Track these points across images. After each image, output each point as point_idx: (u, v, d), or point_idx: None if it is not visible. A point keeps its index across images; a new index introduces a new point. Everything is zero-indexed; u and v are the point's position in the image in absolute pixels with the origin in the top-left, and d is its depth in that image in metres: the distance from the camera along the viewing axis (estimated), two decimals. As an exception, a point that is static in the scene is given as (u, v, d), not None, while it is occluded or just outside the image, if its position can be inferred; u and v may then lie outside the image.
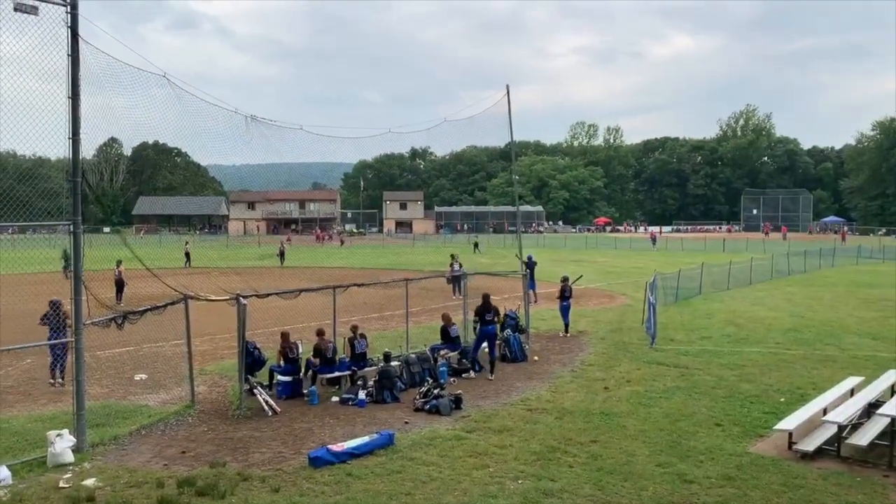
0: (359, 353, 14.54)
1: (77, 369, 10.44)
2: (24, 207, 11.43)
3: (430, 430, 11.34)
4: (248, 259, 52.97)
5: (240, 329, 12.62)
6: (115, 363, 15.59)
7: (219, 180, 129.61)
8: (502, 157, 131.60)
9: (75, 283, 10.47)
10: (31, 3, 9.79)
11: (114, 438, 10.81)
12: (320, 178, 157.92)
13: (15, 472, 9.25)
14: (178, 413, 12.25)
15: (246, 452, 10.33)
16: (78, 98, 10.33)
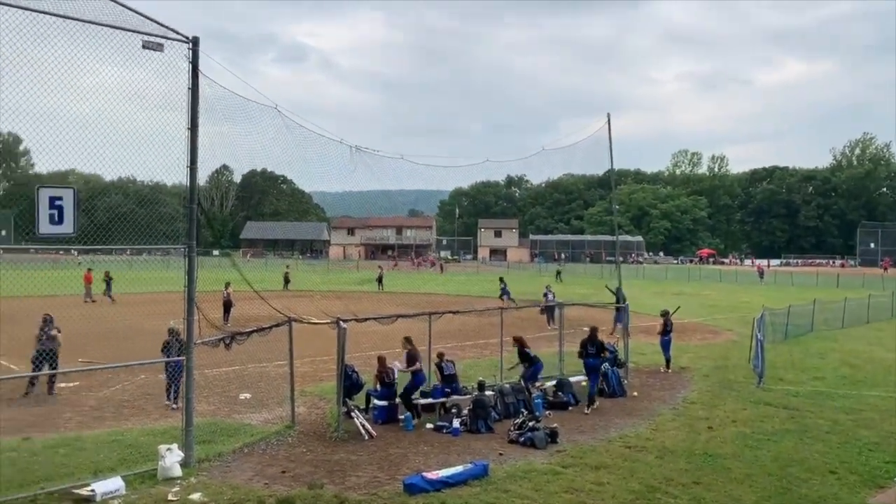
0: (447, 375, 14.66)
1: (187, 387, 10.93)
2: (143, 230, 12.17)
3: (525, 463, 11.17)
4: (348, 283, 54.21)
5: (339, 352, 12.90)
6: (222, 382, 16.21)
7: (321, 207, 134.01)
8: (600, 185, 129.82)
9: (188, 304, 10.98)
10: (158, 41, 10.48)
11: (218, 455, 11.21)
12: (417, 205, 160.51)
13: (128, 483, 9.72)
14: (278, 433, 12.59)
15: (343, 475, 10.48)
16: (196, 129, 10.91)
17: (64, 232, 9.71)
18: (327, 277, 61.66)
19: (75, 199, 9.80)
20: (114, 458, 10.83)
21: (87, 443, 11.66)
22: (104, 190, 67.60)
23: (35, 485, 9.64)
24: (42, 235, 9.65)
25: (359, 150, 14.31)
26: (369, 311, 22.71)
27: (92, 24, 9.64)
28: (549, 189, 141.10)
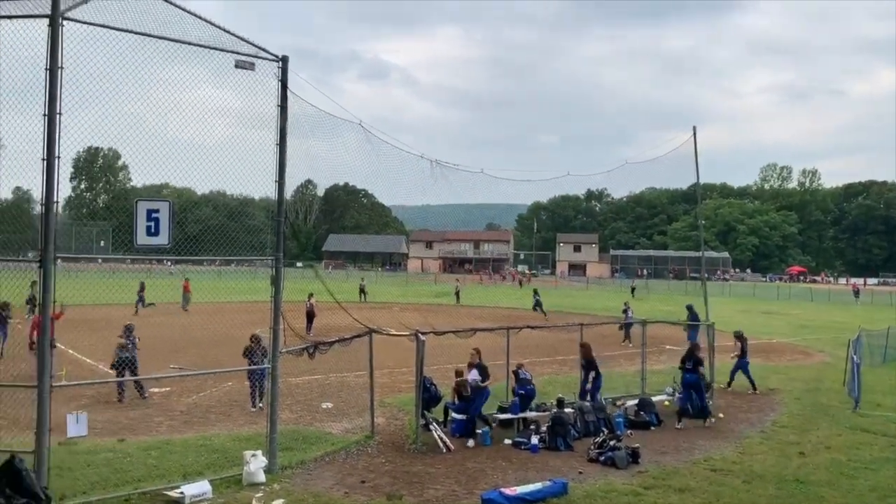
0: (523, 378, 14.73)
1: (272, 395, 11.23)
2: (231, 242, 12.62)
3: (606, 483, 10.95)
4: (426, 296, 54.61)
5: (418, 364, 13.00)
6: (304, 390, 16.59)
7: (401, 220, 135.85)
8: (685, 199, 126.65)
9: (275, 314, 11.31)
10: (250, 60, 10.90)
11: (301, 463, 11.45)
12: (495, 219, 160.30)
13: (214, 487, 10.03)
14: (358, 442, 12.77)
15: (421, 487, 10.53)
16: (285, 144, 11.26)
17: (160, 243, 10.17)
18: (406, 290, 62.29)
19: (170, 212, 10.26)
20: (201, 461, 11.21)
21: (176, 446, 12.12)
22: (196, 203, 70.56)
23: (129, 485, 10.08)
24: (139, 246, 10.14)
25: (439, 165, 14.48)
26: (447, 325, 22.79)
27: (190, 45, 10.11)
28: (630, 203, 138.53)
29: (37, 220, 23.84)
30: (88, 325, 19.25)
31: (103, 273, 46.41)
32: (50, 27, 8.98)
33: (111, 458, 11.18)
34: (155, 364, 17.22)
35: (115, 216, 65.19)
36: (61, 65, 9.04)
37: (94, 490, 9.77)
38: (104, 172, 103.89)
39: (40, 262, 9.16)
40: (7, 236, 29.76)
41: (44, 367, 9.10)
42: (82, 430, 9.75)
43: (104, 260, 47.03)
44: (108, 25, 9.41)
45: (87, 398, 15.43)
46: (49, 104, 9.01)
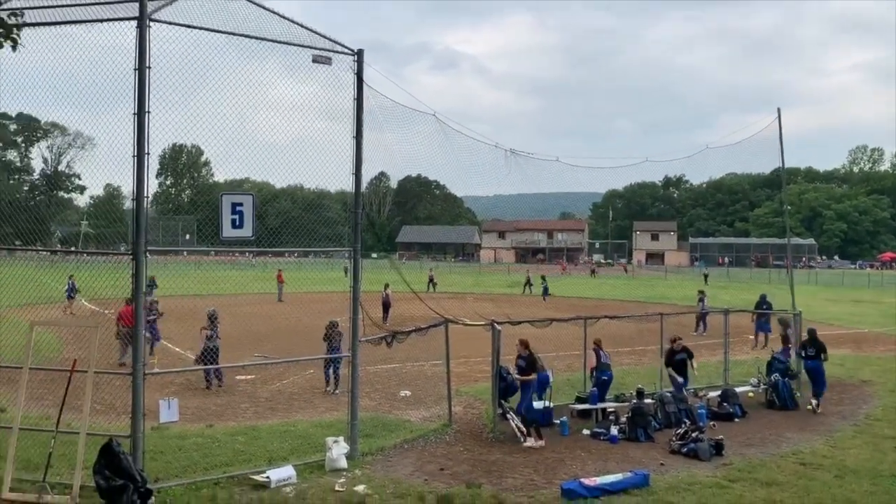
0: (604, 363, 14.60)
1: (353, 383, 11.45)
2: (308, 234, 12.89)
3: (689, 475, 10.70)
4: (499, 286, 54.54)
5: (494, 354, 13.00)
6: (382, 378, 16.85)
7: (473, 211, 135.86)
8: (767, 184, 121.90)
9: (353, 304, 11.51)
10: (326, 55, 11.08)
11: (380, 449, 11.65)
12: (568, 208, 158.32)
13: (298, 472, 10.30)
14: (436, 431, 12.89)
15: (500, 476, 10.55)
16: (361, 137, 11.41)
17: (244, 235, 10.49)
18: (479, 280, 62.34)
19: (253, 205, 10.56)
20: (286, 447, 11.53)
21: (261, 432, 12.50)
22: (275, 196, 72.45)
23: (218, 469, 10.47)
24: (225, 238, 10.47)
25: (513, 153, 14.40)
26: (521, 314, 22.68)
27: (269, 42, 10.35)
28: (710, 189, 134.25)
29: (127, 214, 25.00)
30: (176, 314, 20.05)
31: (189, 265, 48.25)
32: (138, 29, 9.35)
33: (201, 443, 11.63)
34: (240, 353, 17.79)
35: (199, 210, 67.65)
36: (149, 65, 9.41)
37: (185, 473, 10.19)
38: (188, 169, 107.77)
39: (132, 254, 9.58)
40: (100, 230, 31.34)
41: (138, 355, 9.53)
42: (173, 415, 10.17)
43: (189, 252, 48.84)
44: (191, 25, 9.73)
45: (176, 385, 16.11)
46: (138, 103, 9.40)
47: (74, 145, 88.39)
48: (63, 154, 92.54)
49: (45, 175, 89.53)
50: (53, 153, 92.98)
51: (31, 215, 23.12)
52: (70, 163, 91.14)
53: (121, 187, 52.99)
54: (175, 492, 9.49)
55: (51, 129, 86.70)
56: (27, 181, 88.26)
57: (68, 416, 10.10)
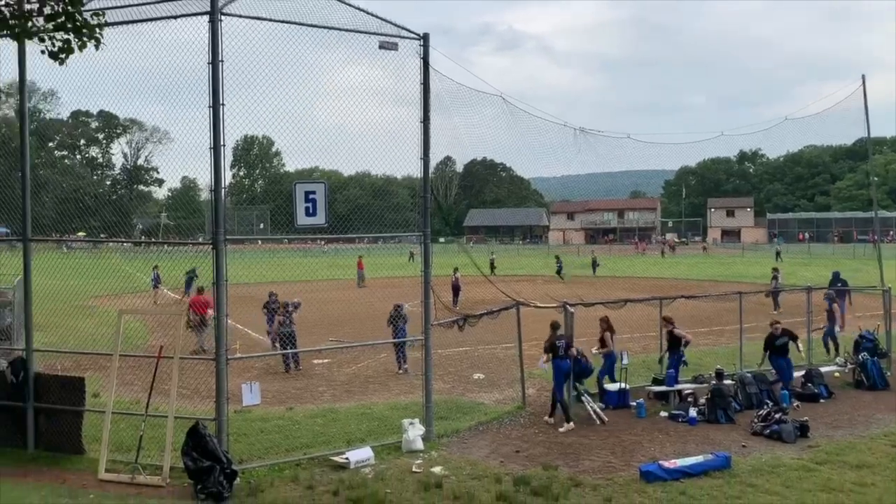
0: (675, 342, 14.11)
1: (426, 366, 11.55)
2: (376, 220, 13.04)
3: (772, 457, 10.40)
4: (569, 268, 53.96)
5: (567, 336, 12.88)
6: (455, 361, 16.95)
7: (540, 192, 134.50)
8: (849, 156, 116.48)
9: (425, 288, 11.58)
10: (393, 41, 11.11)
11: (456, 431, 11.74)
12: (640, 187, 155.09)
13: (376, 453, 10.50)
14: (510, 413, 12.90)
15: (576, 458, 10.49)
16: (428, 121, 11.42)
17: (317, 223, 10.67)
18: (548, 262, 61.83)
19: (326, 193, 10.72)
20: (363, 429, 11.76)
21: (339, 414, 12.77)
22: (343, 184, 73.51)
23: (298, 450, 10.77)
24: (300, 226, 10.68)
25: (583, 133, 14.17)
26: (593, 296, 22.40)
27: (336, 30, 10.45)
28: (788, 163, 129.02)
29: (203, 205, 25.69)
30: (254, 301, 20.62)
31: (263, 253, 49.53)
32: (210, 23, 9.59)
33: (281, 426, 11.97)
34: (316, 337, 18.19)
35: (272, 200, 69.25)
36: (221, 58, 9.64)
37: (268, 454, 10.52)
38: (260, 159, 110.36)
39: (212, 243, 9.88)
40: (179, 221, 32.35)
41: (220, 341, 9.84)
42: (255, 398, 10.49)
43: (263, 241, 50.11)
44: (260, 17, 9.92)
45: (256, 370, 16.60)
46: (213, 96, 9.65)
47: (152, 140, 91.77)
48: (141, 149, 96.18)
49: (125, 170, 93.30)
50: (132, 148, 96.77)
51: (114, 209, 24.10)
52: (148, 157, 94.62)
53: (196, 179, 54.38)
54: (259, 472, 9.81)
55: (129, 125, 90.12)
56: (109, 176, 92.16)
57: (156, 401, 10.56)
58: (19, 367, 10.89)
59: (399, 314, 16.24)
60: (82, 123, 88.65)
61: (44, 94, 25.99)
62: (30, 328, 11.14)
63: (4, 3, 6.53)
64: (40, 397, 10.87)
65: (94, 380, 12.49)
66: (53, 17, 6.05)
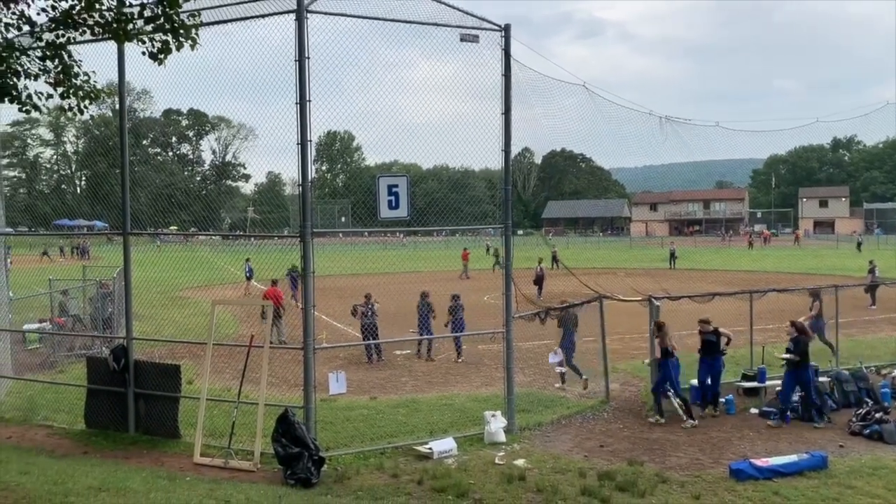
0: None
1: (507, 357, 11.52)
2: (455, 212, 13.04)
3: (873, 458, 9.90)
4: (651, 260, 52.82)
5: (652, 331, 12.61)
6: (535, 355, 16.83)
7: (621, 183, 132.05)
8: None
9: (506, 281, 11.55)
10: (474, 33, 11.08)
11: (538, 425, 11.69)
12: (726, 177, 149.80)
13: (458, 445, 10.55)
14: (593, 407, 12.74)
15: (662, 454, 10.27)
16: (510, 113, 11.35)
17: (400, 216, 10.79)
18: (629, 255, 60.71)
19: (408, 186, 10.83)
20: (445, 420, 11.84)
21: (421, 405, 12.91)
22: (422, 178, 74.14)
23: (383, 439, 10.94)
24: (383, 219, 10.82)
25: (669, 121, 13.80)
26: (678, 289, 21.82)
27: (418, 24, 10.52)
28: (887, 149, 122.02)
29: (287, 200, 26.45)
30: (337, 292, 21.06)
31: (344, 246, 50.58)
32: (297, 21, 9.81)
33: (366, 415, 12.19)
34: (398, 328, 18.41)
35: (352, 194, 70.57)
36: (308, 55, 9.85)
37: (353, 443, 10.74)
38: (341, 154, 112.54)
39: (300, 236, 10.14)
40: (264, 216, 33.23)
41: (308, 330, 10.11)
42: (341, 387, 10.72)
43: (344, 234, 51.12)
44: (345, 14, 10.08)
45: (340, 360, 16.96)
46: (300, 93, 9.87)
47: (238, 136, 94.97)
48: (229, 145, 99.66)
49: (214, 166, 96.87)
50: (221, 145, 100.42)
51: (203, 203, 25.04)
52: (235, 153, 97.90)
53: (280, 174, 55.82)
54: (345, 460, 10.03)
55: (217, 123, 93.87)
56: (199, 172, 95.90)
57: (246, 388, 10.93)
58: (120, 355, 11.47)
59: (457, 304, 16.82)
60: (174, 121, 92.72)
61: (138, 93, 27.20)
62: (130, 317, 11.70)
63: (106, 8, 6.86)
64: (140, 383, 11.43)
65: (187, 367, 13.01)
66: (153, 20, 6.32)
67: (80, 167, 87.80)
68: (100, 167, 35.05)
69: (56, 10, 6.81)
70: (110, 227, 15.90)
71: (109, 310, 18.23)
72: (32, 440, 11.22)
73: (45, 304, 19.45)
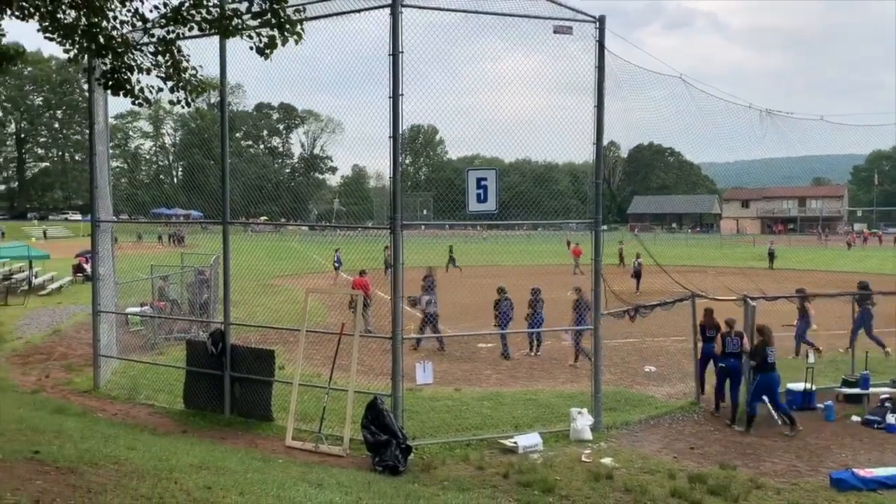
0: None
1: (596, 355, 11.38)
2: (537, 207, 12.91)
3: None
4: (742, 259, 50.98)
5: (749, 331, 12.15)
6: (622, 353, 16.56)
7: (711, 178, 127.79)
8: None
9: (595, 276, 11.38)
10: (568, 25, 10.93)
11: (625, 424, 11.48)
12: (823, 173, 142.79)
13: (544, 440, 10.49)
14: (683, 408, 12.42)
15: (756, 459, 9.92)
16: (602, 106, 11.17)
17: (488, 209, 10.79)
18: (720, 253, 58.76)
19: (497, 180, 10.81)
20: (530, 415, 11.78)
21: (505, 399, 12.89)
22: (504, 171, 74.04)
23: (467, 431, 11.00)
24: (471, 213, 10.86)
25: (769, 114, 13.26)
26: (773, 289, 20.98)
27: (511, 16, 10.46)
28: None
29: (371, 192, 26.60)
30: (418, 284, 21.24)
31: (426, 238, 50.92)
32: (391, 16, 9.92)
33: (450, 406, 12.28)
34: (480, 321, 18.43)
35: (434, 187, 70.99)
36: (401, 49, 9.95)
37: (438, 433, 10.84)
38: (424, 147, 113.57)
39: (390, 228, 10.29)
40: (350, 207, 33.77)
41: (396, 321, 10.26)
42: (428, 378, 10.84)
43: (426, 226, 51.51)
44: (439, 7, 10.13)
45: (424, 350, 17.10)
46: (393, 87, 10.00)
47: (326, 130, 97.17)
48: (317, 138, 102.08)
49: (302, 158, 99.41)
50: (309, 138, 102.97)
51: (293, 195, 25.64)
52: (323, 146, 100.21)
53: (365, 167, 56.66)
54: (431, 449, 10.14)
55: (307, 116, 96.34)
56: (288, 165, 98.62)
57: (335, 375, 11.17)
58: (218, 339, 11.96)
59: (537, 298, 16.74)
60: (265, 115, 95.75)
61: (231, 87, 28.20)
62: (228, 303, 12.16)
63: (213, 4, 7.13)
64: (235, 367, 11.87)
65: (278, 353, 13.41)
66: (260, 15, 6.53)
67: (176, 158, 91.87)
68: (195, 158, 36.59)
69: (167, 7, 7.12)
70: (205, 215, 16.52)
71: (206, 295, 19.01)
72: (136, 417, 11.84)
73: (146, 288, 20.43)
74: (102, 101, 13.95)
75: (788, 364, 14.47)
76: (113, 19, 7.17)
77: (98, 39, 6.99)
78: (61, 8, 7.14)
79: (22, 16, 7.25)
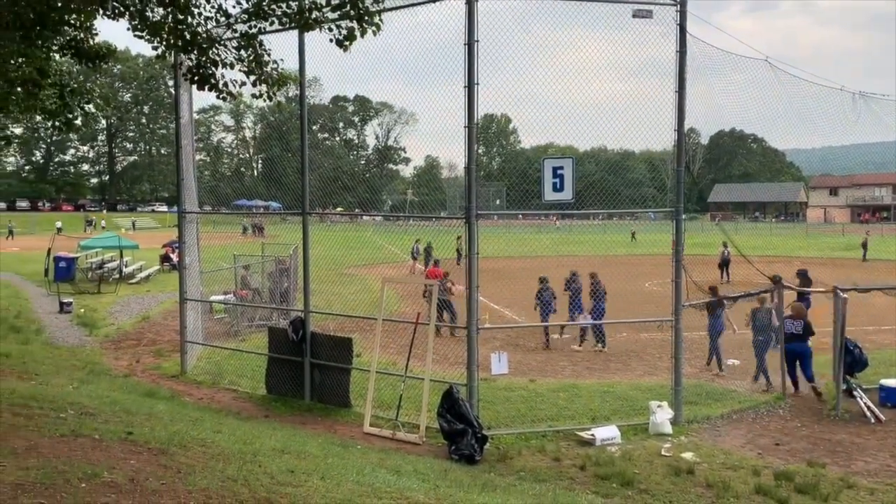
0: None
1: (676, 347, 11.10)
2: (612, 196, 12.67)
3: None
4: (832, 249, 48.84)
5: (838, 324, 11.65)
6: (701, 346, 16.10)
7: (797, 165, 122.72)
8: None
9: (676, 267, 11.10)
10: (647, 9, 10.65)
11: (706, 418, 11.18)
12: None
13: (622, 433, 10.33)
14: (767, 403, 12.01)
15: (847, 458, 9.51)
16: (684, 91, 10.85)
17: (564, 198, 10.68)
18: (806, 242, 56.45)
19: (573, 169, 10.67)
20: (607, 407, 11.61)
21: (581, 391, 12.73)
22: (579, 160, 73.06)
23: (543, 422, 10.93)
24: (546, 202, 10.76)
25: (863, 97, 12.61)
26: (865, 281, 20.04)
27: (590, 2, 10.27)
28: None
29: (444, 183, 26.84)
30: (493, 274, 21.20)
31: (498, 228, 50.84)
32: (467, 5, 9.89)
33: (525, 396, 12.23)
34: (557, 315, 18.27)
35: (507, 177, 70.74)
36: (477, 38, 9.92)
37: (514, 423, 10.81)
38: (497, 137, 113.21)
39: (465, 218, 10.30)
40: (422, 198, 33.96)
41: (472, 311, 10.27)
42: (503, 368, 10.82)
43: (499, 216, 51.34)
44: (514, -5, 10.04)
45: (498, 341, 17.06)
46: (468, 76, 9.98)
47: (400, 121, 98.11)
48: (391, 130, 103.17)
49: (376, 150, 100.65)
50: (383, 130, 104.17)
51: (367, 186, 26.05)
52: (397, 137, 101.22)
53: (438, 158, 57.09)
54: (507, 440, 10.13)
55: (381, 108, 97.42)
56: (363, 156, 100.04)
57: (410, 363, 11.28)
58: (299, 326, 12.26)
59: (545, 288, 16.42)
60: (341, 108, 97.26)
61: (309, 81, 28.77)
62: (308, 292, 12.44)
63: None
64: (315, 354, 12.15)
65: (355, 341, 13.65)
66: (339, 7, 6.62)
67: (256, 151, 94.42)
68: (274, 151, 37.52)
69: (249, 2, 7.30)
70: (283, 207, 16.92)
71: (286, 284, 19.49)
72: (220, 402, 12.27)
73: (229, 277, 21.11)
74: (187, 97, 14.45)
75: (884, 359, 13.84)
76: (198, 16, 7.40)
77: (184, 36, 7.23)
78: (150, 6, 7.42)
79: (112, 15, 7.57)
